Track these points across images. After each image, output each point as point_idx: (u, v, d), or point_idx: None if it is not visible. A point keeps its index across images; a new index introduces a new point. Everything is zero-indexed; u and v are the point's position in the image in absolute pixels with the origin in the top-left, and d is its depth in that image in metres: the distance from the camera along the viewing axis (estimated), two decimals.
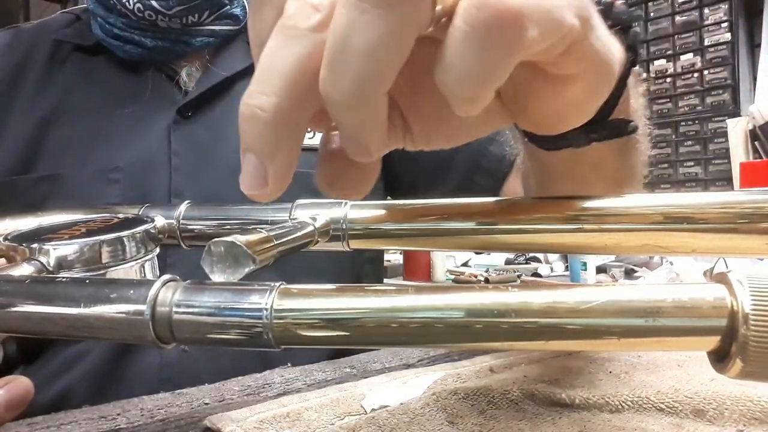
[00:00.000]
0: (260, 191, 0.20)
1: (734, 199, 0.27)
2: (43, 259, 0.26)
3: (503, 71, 0.17)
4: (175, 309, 0.20)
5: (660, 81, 1.93)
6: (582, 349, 0.34)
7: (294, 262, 0.61)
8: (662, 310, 0.18)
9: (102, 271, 0.27)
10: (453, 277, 1.47)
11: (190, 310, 0.20)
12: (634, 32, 0.31)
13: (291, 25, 0.18)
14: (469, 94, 0.18)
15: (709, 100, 1.83)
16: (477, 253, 1.76)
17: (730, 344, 0.17)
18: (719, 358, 0.18)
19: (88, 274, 0.27)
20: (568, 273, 1.37)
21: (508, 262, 1.63)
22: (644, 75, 1.94)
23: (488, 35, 0.17)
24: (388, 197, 0.67)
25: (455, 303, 0.20)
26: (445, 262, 1.49)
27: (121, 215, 0.34)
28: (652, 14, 1.96)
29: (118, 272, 0.28)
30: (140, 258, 0.29)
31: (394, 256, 1.80)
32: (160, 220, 0.36)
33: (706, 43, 1.84)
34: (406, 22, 0.17)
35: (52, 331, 0.22)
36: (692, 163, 1.85)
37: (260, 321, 0.20)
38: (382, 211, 0.32)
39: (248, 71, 0.62)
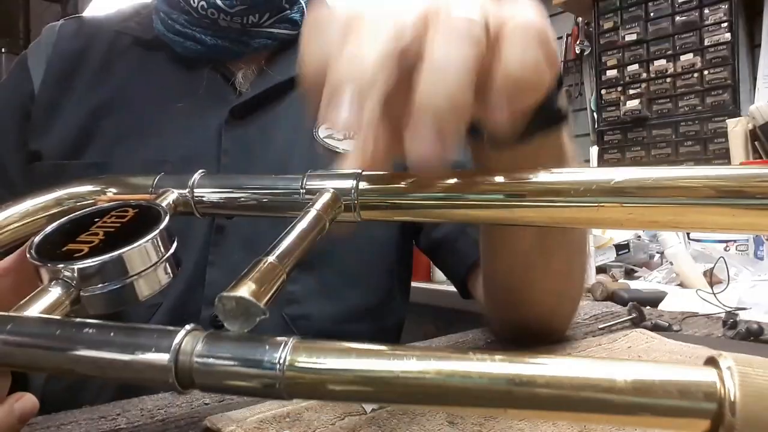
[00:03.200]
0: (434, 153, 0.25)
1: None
2: (68, 277, 0.28)
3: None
4: (195, 359, 0.22)
5: (660, 81, 1.93)
6: (563, 420, 0.34)
7: (326, 262, 0.61)
8: (653, 390, 0.19)
9: (127, 280, 0.29)
10: None
11: (210, 360, 0.22)
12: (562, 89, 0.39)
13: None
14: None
15: (709, 100, 1.83)
16: None
17: (717, 428, 0.18)
18: None
19: (115, 287, 0.29)
20: None
21: None
22: (644, 75, 1.95)
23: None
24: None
25: (470, 369, 0.20)
26: None
27: (132, 202, 0.34)
28: (652, 14, 1.96)
29: (143, 279, 0.29)
30: (160, 260, 0.30)
31: None
32: (172, 195, 0.36)
33: (706, 43, 1.84)
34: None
35: (86, 372, 0.25)
36: (692, 163, 1.84)
37: (273, 373, 0.21)
38: (396, 181, 0.32)
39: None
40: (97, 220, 0.32)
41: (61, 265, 0.28)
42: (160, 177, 0.38)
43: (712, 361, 0.19)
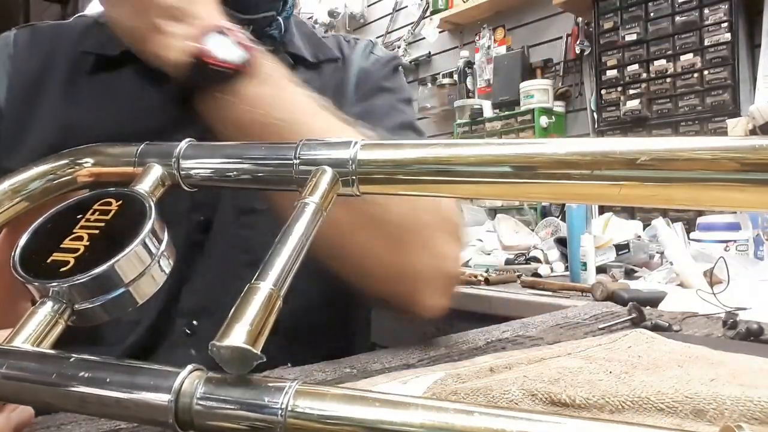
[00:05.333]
0: None
1: None
2: (59, 293, 0.27)
3: None
4: (196, 401, 0.22)
5: (660, 81, 1.93)
6: None
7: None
8: None
9: (121, 289, 0.27)
10: None
11: (210, 403, 0.22)
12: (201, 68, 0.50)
13: None
14: None
15: (709, 100, 1.83)
16: (485, 254, 1.76)
17: None
18: None
19: (110, 297, 0.27)
20: (568, 273, 1.36)
21: (508, 262, 1.63)
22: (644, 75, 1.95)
23: None
24: None
25: (474, 425, 0.20)
26: None
27: (113, 191, 0.32)
28: (652, 14, 1.96)
29: (138, 284, 0.28)
30: (153, 261, 0.29)
31: None
32: (157, 171, 0.34)
33: (706, 43, 1.83)
34: None
35: (82, 410, 0.24)
36: None
37: (274, 419, 0.21)
38: (396, 152, 0.30)
39: None
40: (79, 217, 0.30)
41: (52, 284, 0.27)
42: (144, 147, 0.36)
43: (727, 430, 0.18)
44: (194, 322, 0.59)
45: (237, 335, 0.22)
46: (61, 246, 0.29)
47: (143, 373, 0.23)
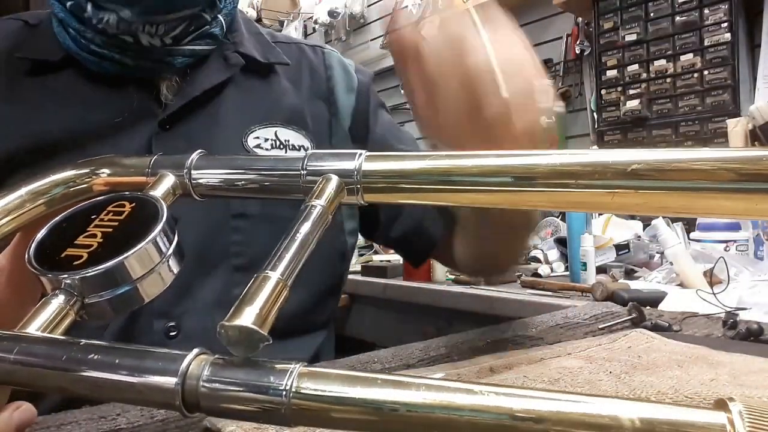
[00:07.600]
0: None
1: None
2: (71, 285, 0.28)
3: None
4: (203, 383, 0.22)
5: (660, 81, 1.93)
6: None
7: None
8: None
9: (130, 285, 0.28)
10: (453, 277, 1.46)
11: (216, 385, 0.22)
12: None
13: None
14: None
15: (709, 100, 1.83)
16: None
17: None
18: None
19: (120, 292, 0.28)
20: (568, 273, 1.36)
21: None
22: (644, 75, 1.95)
23: None
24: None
25: (475, 403, 0.20)
26: None
27: (128, 194, 0.33)
28: (652, 14, 1.96)
29: (147, 281, 0.29)
30: (162, 260, 0.29)
31: (394, 257, 1.79)
32: (169, 180, 0.35)
33: (706, 43, 1.83)
34: None
35: (91, 394, 0.25)
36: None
37: (279, 399, 0.21)
38: (400, 163, 0.31)
39: (223, 85, 0.65)
40: (93, 217, 0.31)
41: (64, 276, 0.28)
42: (157, 158, 0.37)
43: (721, 405, 0.18)
44: (172, 323, 0.57)
45: (246, 316, 0.22)
46: (75, 242, 0.29)
47: (150, 357, 0.24)
